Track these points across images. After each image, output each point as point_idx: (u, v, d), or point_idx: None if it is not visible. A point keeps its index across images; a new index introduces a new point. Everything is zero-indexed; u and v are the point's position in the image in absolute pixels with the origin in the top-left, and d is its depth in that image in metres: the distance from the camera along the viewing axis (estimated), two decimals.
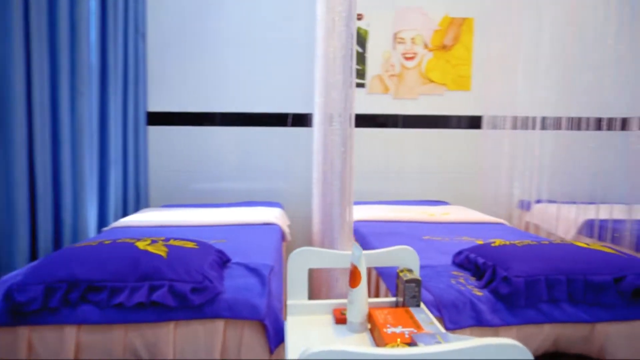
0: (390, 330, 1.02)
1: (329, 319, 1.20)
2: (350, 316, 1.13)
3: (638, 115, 1.74)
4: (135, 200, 2.68)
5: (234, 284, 1.27)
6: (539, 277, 1.23)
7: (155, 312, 1.16)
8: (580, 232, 2.31)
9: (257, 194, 2.92)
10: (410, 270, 1.22)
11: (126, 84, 2.54)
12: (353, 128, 1.40)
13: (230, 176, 2.90)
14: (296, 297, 1.23)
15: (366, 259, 1.23)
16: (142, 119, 2.73)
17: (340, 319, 1.17)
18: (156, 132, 2.83)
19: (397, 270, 1.23)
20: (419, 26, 2.93)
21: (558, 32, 2.31)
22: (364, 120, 2.89)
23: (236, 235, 1.91)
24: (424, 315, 1.12)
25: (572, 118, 2.36)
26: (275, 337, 1.21)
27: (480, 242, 1.90)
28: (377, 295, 1.72)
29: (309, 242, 2.76)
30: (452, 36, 2.93)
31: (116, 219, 2.45)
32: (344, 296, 1.58)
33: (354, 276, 1.12)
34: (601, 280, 1.24)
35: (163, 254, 1.24)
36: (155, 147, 2.83)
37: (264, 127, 2.89)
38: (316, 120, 2.36)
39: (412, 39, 2.92)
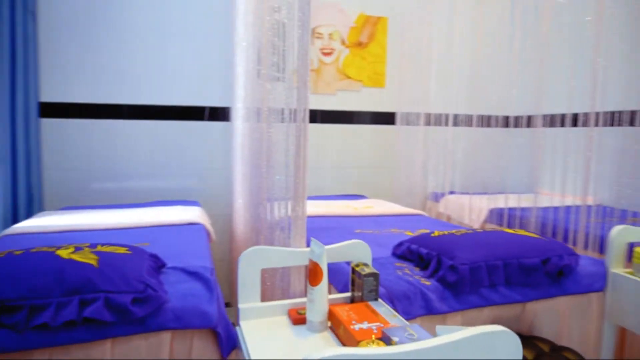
0: (357, 326, 1.00)
1: (284, 320, 1.15)
2: (310, 315, 1.09)
3: (542, 114, 1.94)
4: (27, 203, 2.34)
5: (178, 291, 1.15)
6: (480, 263, 1.30)
7: (88, 330, 1.01)
8: (487, 220, 2.52)
9: (170, 192, 2.73)
10: (365, 264, 1.21)
11: (14, 71, 2.21)
12: (307, 122, 1.36)
13: (140, 174, 2.67)
14: (248, 300, 1.15)
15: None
16: (34, 110, 2.39)
17: (298, 319, 1.12)
18: (51, 126, 2.49)
19: (352, 265, 1.21)
20: (336, 22, 2.95)
21: (469, 35, 2.48)
22: (283, 115, 2.85)
23: (159, 237, 1.76)
24: (385, 308, 1.12)
25: (483, 116, 2.57)
26: (228, 344, 1.13)
27: (409, 233, 1.97)
28: None
29: (231, 241, 2.65)
30: (367, 34, 3.00)
31: (5, 225, 2.12)
32: (288, 296, 1.54)
33: (314, 274, 1.08)
34: (531, 263, 1.35)
35: (93, 262, 1.08)
36: (50, 142, 2.49)
37: (176, 120, 2.70)
38: (240, 114, 2.27)
39: (330, 34, 2.94)
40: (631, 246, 1.51)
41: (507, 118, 2.59)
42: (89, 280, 1.03)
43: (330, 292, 1.53)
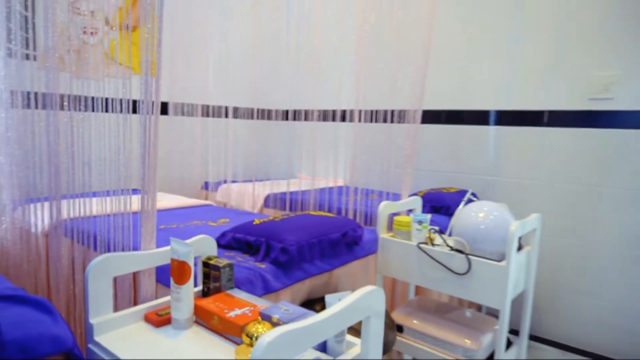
0: (232, 314, 1.07)
1: (144, 325, 1.10)
2: (177, 314, 1.09)
3: (317, 109, 2.29)
4: None
5: (6, 320, 0.96)
6: (303, 243, 1.52)
7: None
8: (265, 205, 2.79)
9: None
10: (217, 257, 1.26)
11: None
12: (158, 114, 1.28)
13: None
14: (100, 314, 1.06)
15: (166, 254, 1.20)
16: None
17: (160, 321, 1.11)
18: None
19: (204, 259, 1.24)
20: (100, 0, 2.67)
21: (247, 35, 2.65)
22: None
23: None
24: (244, 294, 1.21)
25: (264, 110, 2.78)
26: None
27: (212, 223, 2.05)
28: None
29: None
30: (136, 17, 2.82)
31: None
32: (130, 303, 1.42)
33: (181, 272, 1.08)
34: (335, 237, 1.66)
35: None
36: None
37: None
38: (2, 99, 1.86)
39: (92, 12, 2.64)
40: (391, 216, 2.01)
41: (286, 112, 2.90)
42: None
43: (155, 290, 1.50)
